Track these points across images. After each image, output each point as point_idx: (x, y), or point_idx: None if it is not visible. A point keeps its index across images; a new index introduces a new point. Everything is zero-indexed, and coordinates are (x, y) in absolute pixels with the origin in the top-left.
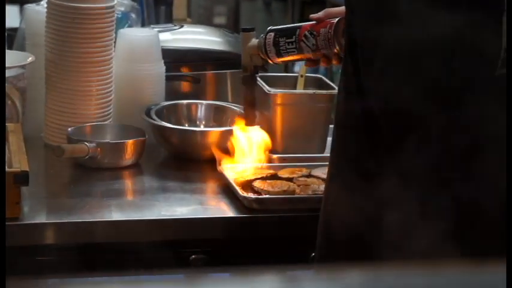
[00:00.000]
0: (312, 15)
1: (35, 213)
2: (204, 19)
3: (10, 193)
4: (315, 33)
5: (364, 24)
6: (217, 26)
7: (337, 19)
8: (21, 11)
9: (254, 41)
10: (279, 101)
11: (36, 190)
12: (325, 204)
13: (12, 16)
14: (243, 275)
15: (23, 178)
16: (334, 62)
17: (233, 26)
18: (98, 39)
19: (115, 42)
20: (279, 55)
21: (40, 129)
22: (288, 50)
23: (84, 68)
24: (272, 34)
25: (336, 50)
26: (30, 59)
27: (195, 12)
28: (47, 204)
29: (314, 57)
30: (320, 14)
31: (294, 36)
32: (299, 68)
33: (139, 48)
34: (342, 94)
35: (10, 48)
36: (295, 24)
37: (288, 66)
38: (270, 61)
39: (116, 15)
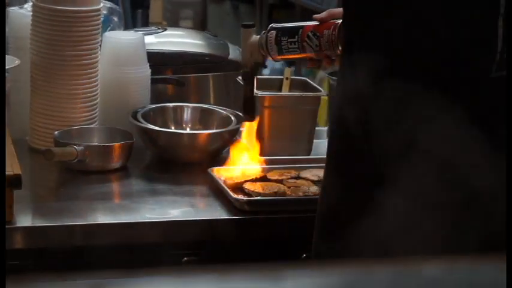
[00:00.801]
0: (315, 16)
1: (24, 217)
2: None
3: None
4: (318, 34)
5: (361, 22)
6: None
7: (340, 20)
8: None
9: (255, 38)
10: (266, 103)
11: (24, 194)
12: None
13: None
14: (228, 273)
15: (15, 181)
16: (336, 63)
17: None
18: (83, 42)
19: (100, 45)
20: (281, 53)
21: (24, 133)
22: (290, 49)
23: (70, 71)
24: (274, 32)
25: (339, 52)
26: (16, 62)
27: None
28: (35, 207)
29: (316, 57)
30: (323, 14)
31: (296, 36)
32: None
33: (124, 52)
34: (339, 92)
35: None
36: (298, 24)
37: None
38: (270, 58)
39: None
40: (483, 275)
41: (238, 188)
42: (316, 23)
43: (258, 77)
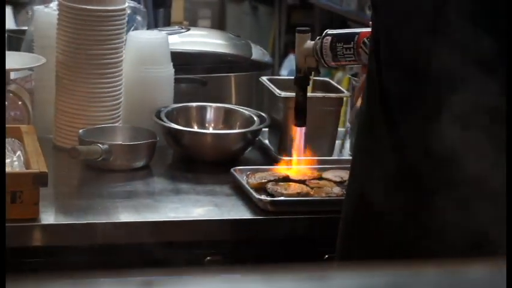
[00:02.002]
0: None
1: (49, 214)
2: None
3: (29, 194)
4: None
5: (387, 24)
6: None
7: None
8: (14, 12)
9: (309, 43)
10: (290, 104)
11: (49, 192)
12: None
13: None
14: (269, 273)
15: (42, 179)
16: None
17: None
18: (108, 41)
19: (125, 44)
20: (335, 59)
21: (48, 131)
22: (346, 56)
23: (94, 70)
24: (329, 38)
25: None
26: (42, 60)
27: None
28: (60, 205)
29: None
30: None
31: (352, 43)
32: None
33: (148, 51)
34: (366, 94)
35: (17, 49)
36: (354, 30)
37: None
38: (324, 64)
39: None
40: (484, 277)
41: (261, 188)
42: None
43: (280, 77)
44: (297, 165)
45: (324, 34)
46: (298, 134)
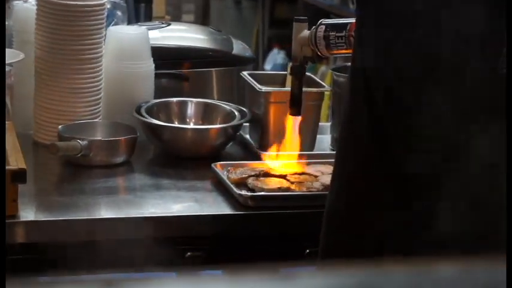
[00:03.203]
0: None
1: (28, 211)
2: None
3: (7, 191)
4: None
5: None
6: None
7: None
8: None
9: (305, 32)
10: (271, 99)
11: (28, 188)
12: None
13: None
14: (237, 273)
15: (20, 176)
16: None
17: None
18: (88, 36)
19: (104, 40)
20: (328, 48)
21: (28, 127)
22: (338, 44)
23: (74, 65)
24: (323, 27)
25: None
26: (21, 56)
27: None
28: (39, 202)
29: None
30: None
31: (344, 31)
32: None
33: (129, 46)
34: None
35: None
36: (348, 20)
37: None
38: (319, 53)
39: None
40: (483, 277)
41: (242, 183)
42: None
43: (261, 72)
44: (277, 160)
45: (318, 23)
46: (291, 124)
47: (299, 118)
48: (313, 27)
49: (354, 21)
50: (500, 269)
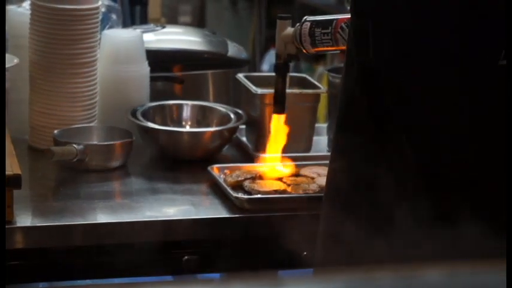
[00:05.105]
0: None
1: (24, 216)
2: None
3: None
4: None
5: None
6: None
7: None
8: None
9: (289, 30)
10: (267, 101)
11: (24, 193)
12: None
13: None
14: (234, 279)
15: (15, 181)
16: None
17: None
18: (82, 40)
19: (99, 43)
20: (314, 45)
21: (23, 131)
22: (323, 41)
23: (69, 69)
24: (308, 24)
25: None
26: (15, 61)
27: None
28: (35, 207)
29: None
30: None
31: (330, 27)
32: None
33: (123, 50)
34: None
35: None
36: (333, 16)
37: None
38: (304, 51)
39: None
40: (484, 279)
41: (238, 186)
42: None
43: (256, 74)
44: (274, 162)
45: (303, 20)
46: (275, 123)
47: (283, 116)
48: (297, 24)
49: (339, 17)
50: (486, 274)
